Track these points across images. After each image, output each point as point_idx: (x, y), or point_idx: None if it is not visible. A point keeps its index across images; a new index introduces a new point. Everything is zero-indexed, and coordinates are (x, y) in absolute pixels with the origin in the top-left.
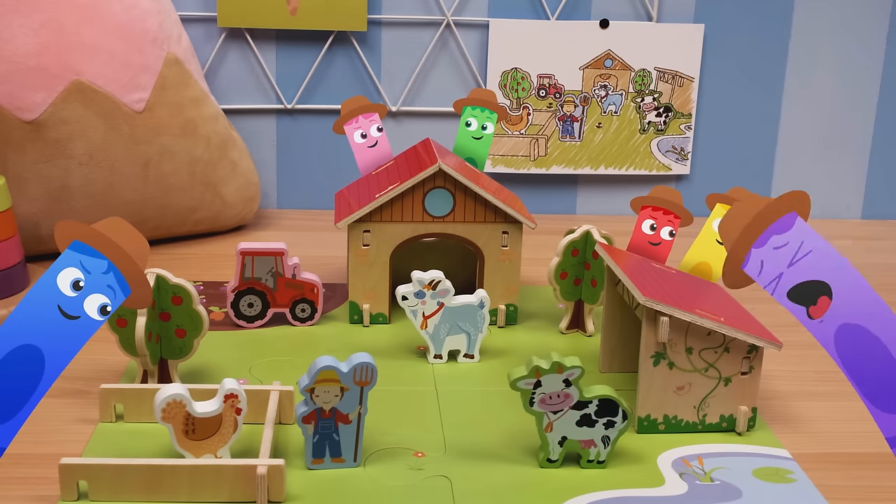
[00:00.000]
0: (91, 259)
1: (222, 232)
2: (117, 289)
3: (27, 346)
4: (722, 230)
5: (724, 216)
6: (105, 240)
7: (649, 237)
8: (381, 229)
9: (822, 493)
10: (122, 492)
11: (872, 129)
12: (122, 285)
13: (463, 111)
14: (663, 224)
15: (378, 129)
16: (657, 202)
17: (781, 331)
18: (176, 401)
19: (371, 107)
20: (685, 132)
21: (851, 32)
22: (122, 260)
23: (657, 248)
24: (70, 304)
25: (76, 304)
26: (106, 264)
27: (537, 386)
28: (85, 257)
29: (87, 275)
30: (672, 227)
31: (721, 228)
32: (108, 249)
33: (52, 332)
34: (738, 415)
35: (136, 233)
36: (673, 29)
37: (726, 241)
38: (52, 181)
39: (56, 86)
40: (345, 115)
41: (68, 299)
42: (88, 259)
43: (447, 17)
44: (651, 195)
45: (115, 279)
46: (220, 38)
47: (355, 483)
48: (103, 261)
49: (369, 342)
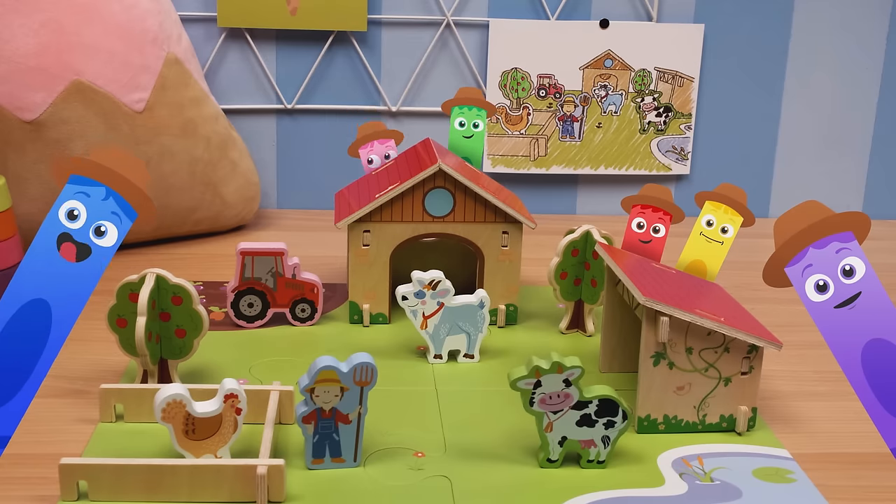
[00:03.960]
0: (90, 188)
1: (222, 232)
2: (122, 213)
3: (35, 300)
4: (778, 227)
5: (783, 214)
6: (101, 168)
7: (639, 235)
8: (381, 229)
9: (822, 493)
10: (122, 492)
11: (872, 129)
12: (125, 209)
13: (452, 112)
14: (653, 221)
15: (387, 156)
16: (646, 200)
17: (781, 331)
18: (176, 401)
19: (387, 133)
20: (685, 132)
21: (851, 32)
22: (122, 184)
23: (649, 245)
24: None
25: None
26: (104, 191)
27: (537, 386)
28: (83, 187)
29: (87, 204)
30: (662, 224)
31: (778, 225)
32: (106, 176)
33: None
34: (738, 415)
35: (132, 157)
36: (673, 29)
37: (778, 238)
38: (52, 181)
39: (56, 86)
40: (360, 140)
41: (73, 230)
42: (87, 189)
43: (447, 17)
44: (640, 193)
45: (116, 204)
46: (220, 38)
47: (355, 483)
48: (101, 188)
49: (369, 342)
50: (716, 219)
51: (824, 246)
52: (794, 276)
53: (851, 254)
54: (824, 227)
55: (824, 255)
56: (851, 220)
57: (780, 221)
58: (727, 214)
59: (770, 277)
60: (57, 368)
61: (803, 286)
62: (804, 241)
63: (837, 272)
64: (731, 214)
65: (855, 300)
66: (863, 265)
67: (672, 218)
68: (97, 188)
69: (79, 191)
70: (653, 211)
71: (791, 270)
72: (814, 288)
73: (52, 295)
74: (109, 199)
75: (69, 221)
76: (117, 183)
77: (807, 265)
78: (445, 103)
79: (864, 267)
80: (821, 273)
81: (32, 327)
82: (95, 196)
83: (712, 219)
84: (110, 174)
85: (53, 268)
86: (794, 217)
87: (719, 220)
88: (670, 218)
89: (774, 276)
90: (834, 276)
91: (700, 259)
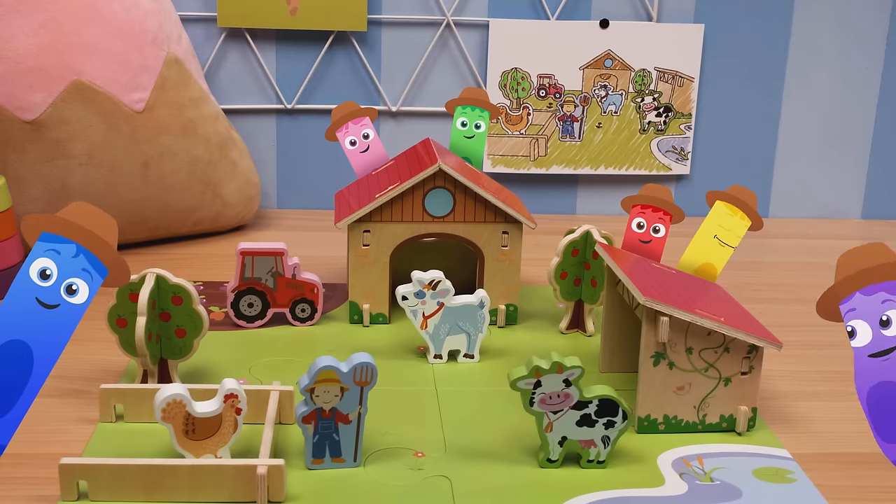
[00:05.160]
0: (60, 245)
1: (222, 232)
2: (93, 271)
3: (14, 341)
4: (841, 262)
5: (851, 250)
6: (71, 225)
7: (639, 235)
8: (381, 229)
9: (822, 493)
10: (121, 492)
11: (872, 129)
12: (96, 266)
13: (455, 111)
14: (653, 221)
15: (365, 135)
16: (646, 200)
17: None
18: (176, 401)
19: (359, 112)
20: (685, 132)
21: (851, 32)
22: (92, 241)
23: (649, 245)
24: (46, 294)
25: (52, 292)
26: (75, 248)
27: (537, 386)
28: (53, 245)
29: (58, 262)
30: (662, 224)
31: (842, 260)
32: (75, 234)
33: (36, 324)
34: (738, 415)
35: (103, 214)
36: (673, 29)
37: (839, 273)
38: (52, 181)
39: (56, 86)
40: (334, 123)
41: (43, 289)
42: (57, 247)
43: (447, 17)
44: (640, 193)
45: (87, 262)
46: (220, 38)
47: (355, 483)
48: (72, 245)
49: (369, 342)
50: (729, 222)
51: (872, 294)
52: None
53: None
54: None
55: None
56: None
57: (845, 256)
58: (739, 219)
59: (824, 310)
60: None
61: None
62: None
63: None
64: (741, 218)
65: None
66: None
67: (672, 218)
68: (67, 245)
69: (49, 248)
70: (653, 211)
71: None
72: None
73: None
74: (80, 256)
75: (41, 281)
76: (88, 240)
77: (850, 308)
78: (449, 102)
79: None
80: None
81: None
82: (66, 253)
83: (725, 222)
84: (81, 231)
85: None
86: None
87: (732, 225)
88: (670, 218)
89: (828, 310)
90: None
91: (705, 259)
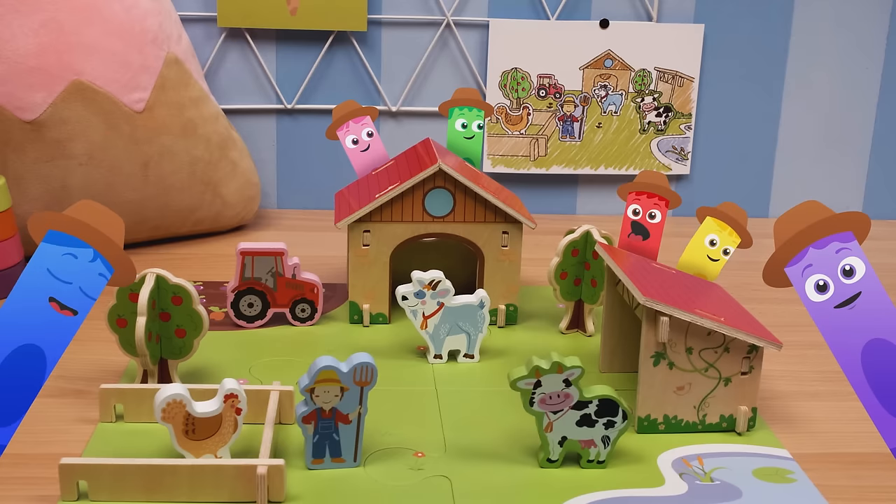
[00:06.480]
0: (77, 250)
1: (222, 232)
2: (106, 273)
3: (28, 345)
4: (778, 227)
5: (783, 214)
6: (78, 223)
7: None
8: (381, 229)
9: (822, 493)
10: (121, 492)
11: (872, 129)
12: (107, 267)
13: (450, 113)
14: (649, 207)
15: (368, 133)
16: (642, 187)
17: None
18: (176, 401)
19: (361, 111)
20: (685, 132)
21: (851, 32)
22: (98, 240)
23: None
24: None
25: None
26: (92, 252)
27: (537, 386)
28: (70, 249)
29: (76, 268)
30: (658, 210)
31: (777, 224)
32: (82, 232)
33: (45, 325)
34: (738, 415)
35: (110, 212)
36: (673, 29)
37: (778, 238)
38: (52, 181)
39: (56, 86)
40: (336, 122)
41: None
42: (75, 250)
43: (447, 17)
44: (637, 181)
45: (102, 265)
46: (220, 38)
47: (355, 483)
48: (88, 250)
49: (369, 342)
50: (719, 239)
51: (824, 246)
52: (794, 276)
53: (851, 254)
54: (824, 227)
55: (824, 255)
56: (851, 220)
57: (780, 221)
58: (729, 235)
59: (770, 277)
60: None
61: (803, 286)
62: (804, 241)
63: (837, 272)
64: (732, 235)
65: (855, 300)
66: (863, 265)
67: (668, 203)
68: (84, 250)
69: (67, 252)
70: (648, 197)
71: (791, 270)
72: (814, 288)
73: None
74: (97, 261)
75: (58, 283)
76: (95, 239)
77: (807, 265)
78: (443, 105)
79: (864, 267)
80: (821, 273)
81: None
82: (83, 258)
83: (716, 238)
84: (87, 229)
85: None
86: (794, 217)
87: (722, 241)
88: (666, 203)
89: (774, 276)
90: (834, 276)
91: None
